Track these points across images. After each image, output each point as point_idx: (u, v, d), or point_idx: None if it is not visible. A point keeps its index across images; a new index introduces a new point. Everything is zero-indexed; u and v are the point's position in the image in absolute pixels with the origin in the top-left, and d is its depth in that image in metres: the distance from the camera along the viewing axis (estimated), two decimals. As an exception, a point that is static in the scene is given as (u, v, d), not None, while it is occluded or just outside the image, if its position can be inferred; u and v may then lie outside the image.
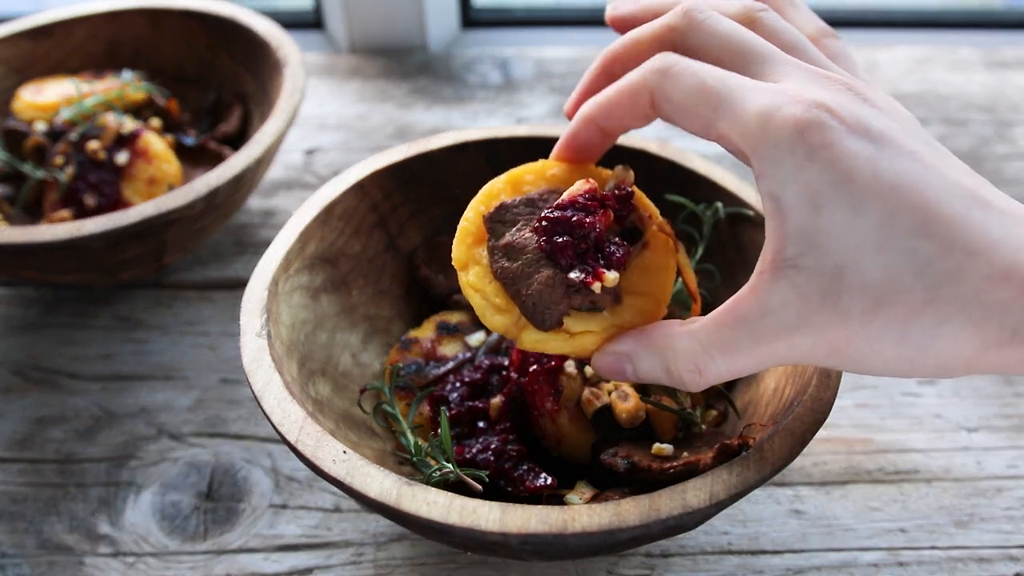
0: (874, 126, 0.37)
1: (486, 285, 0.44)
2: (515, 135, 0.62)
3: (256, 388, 0.45)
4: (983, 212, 0.36)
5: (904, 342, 0.36)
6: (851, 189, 0.36)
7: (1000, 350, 0.36)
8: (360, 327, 0.59)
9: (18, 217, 0.74)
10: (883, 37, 1.04)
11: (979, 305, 0.35)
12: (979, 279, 0.35)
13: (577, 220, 0.43)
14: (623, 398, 0.51)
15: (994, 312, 0.35)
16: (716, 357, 0.39)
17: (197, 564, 0.55)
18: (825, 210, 0.36)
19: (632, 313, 0.43)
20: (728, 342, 0.39)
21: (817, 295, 0.37)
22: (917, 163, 0.37)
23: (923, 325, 0.36)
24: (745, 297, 0.39)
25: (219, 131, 0.79)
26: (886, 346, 0.37)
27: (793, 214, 0.37)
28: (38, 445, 0.62)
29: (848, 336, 0.37)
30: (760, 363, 0.39)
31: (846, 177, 0.36)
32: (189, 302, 0.73)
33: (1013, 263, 0.35)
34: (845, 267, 0.36)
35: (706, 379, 0.40)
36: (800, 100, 0.37)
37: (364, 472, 0.41)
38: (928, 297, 0.35)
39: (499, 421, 0.53)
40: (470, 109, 0.94)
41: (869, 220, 0.36)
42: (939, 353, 0.36)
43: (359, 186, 0.59)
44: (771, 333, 0.38)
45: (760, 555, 0.54)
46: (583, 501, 0.48)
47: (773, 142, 0.37)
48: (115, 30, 0.84)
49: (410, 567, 0.54)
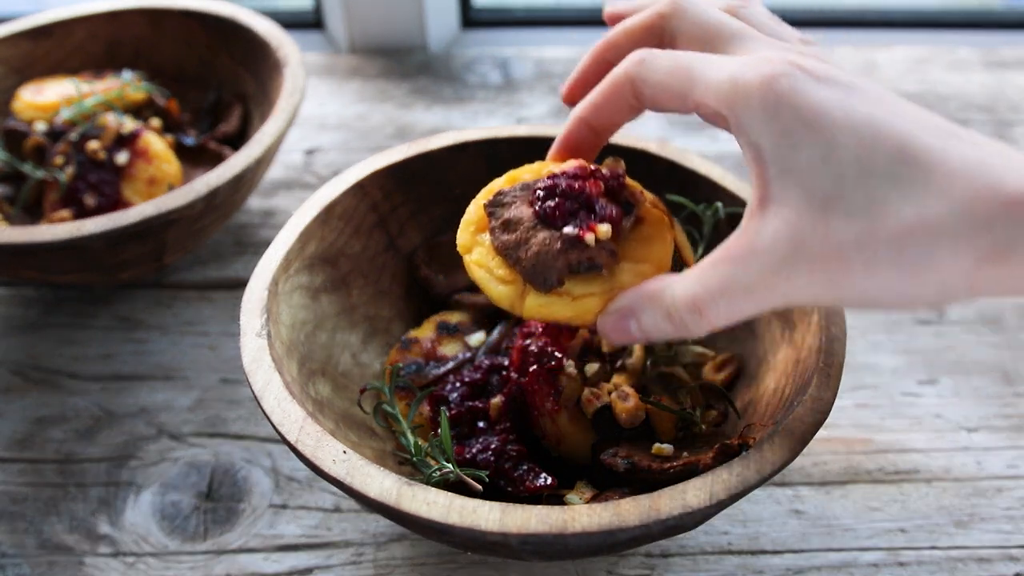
0: (842, 78, 0.39)
1: (489, 260, 0.45)
2: (515, 135, 0.62)
3: (256, 388, 0.45)
4: (958, 141, 0.37)
5: (901, 263, 0.37)
6: (825, 127, 0.37)
7: (996, 267, 0.36)
8: (360, 327, 0.59)
9: (18, 217, 0.74)
10: (882, 37, 1.04)
11: (969, 219, 0.36)
12: (965, 197, 0.36)
13: (567, 184, 0.45)
14: (623, 398, 0.51)
15: (983, 225, 0.36)
16: (716, 296, 0.39)
17: (197, 564, 0.55)
18: (803, 148, 0.38)
19: (632, 276, 0.44)
20: (725, 280, 0.39)
21: (807, 226, 0.37)
22: (886, 105, 0.38)
23: (917, 242, 0.36)
24: (737, 239, 0.40)
25: (219, 131, 0.79)
26: (883, 270, 0.37)
27: (772, 157, 0.38)
28: (38, 445, 0.62)
29: (844, 265, 0.37)
30: (759, 302, 0.39)
31: (818, 117, 0.38)
32: (189, 302, 0.73)
33: (997, 181, 0.36)
34: (830, 198, 0.37)
35: (708, 320, 0.40)
36: (769, 60, 0.39)
37: (364, 472, 0.41)
38: (918, 216, 0.36)
39: (499, 421, 0.53)
40: (470, 109, 0.94)
41: (847, 153, 0.37)
42: (938, 269, 0.36)
43: (359, 186, 0.59)
44: (766, 269, 0.38)
45: (760, 555, 0.54)
46: (583, 501, 0.48)
47: (744, 96, 0.39)
48: (115, 30, 0.84)
49: (410, 567, 0.54)
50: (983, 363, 0.66)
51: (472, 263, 0.46)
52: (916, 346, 0.67)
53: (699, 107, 0.42)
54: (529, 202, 0.45)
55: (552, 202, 0.44)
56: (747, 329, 0.56)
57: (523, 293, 0.45)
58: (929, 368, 0.65)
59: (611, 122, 0.47)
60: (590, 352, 0.55)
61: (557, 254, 0.43)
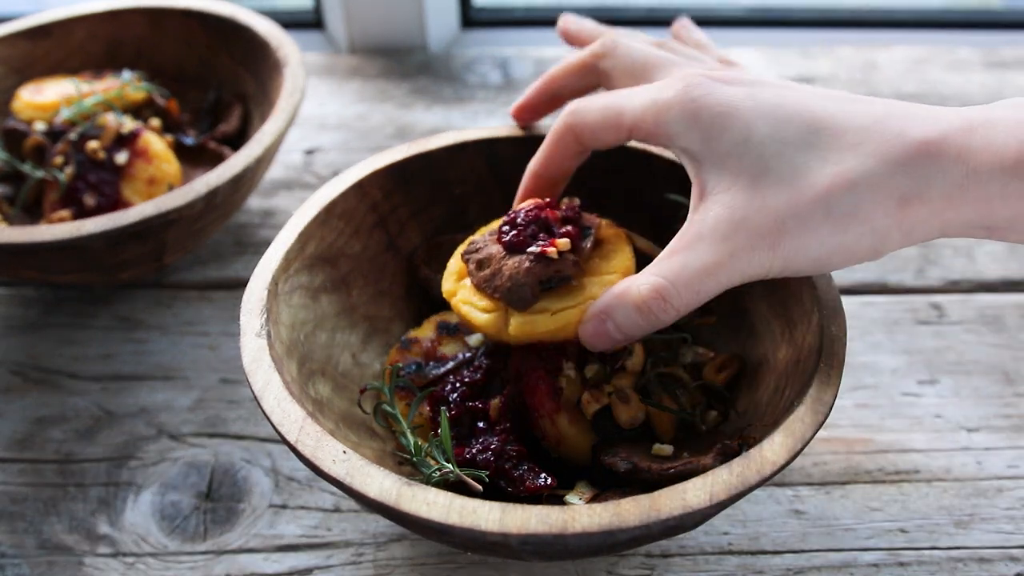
0: (747, 78, 0.45)
1: (471, 297, 0.51)
2: (515, 135, 0.62)
3: (256, 388, 0.45)
4: (861, 104, 0.42)
5: (831, 218, 0.40)
6: (739, 117, 0.43)
7: (917, 207, 0.40)
8: (360, 327, 0.59)
9: (18, 217, 0.73)
10: (882, 37, 1.04)
11: (882, 167, 0.40)
12: (875, 149, 0.40)
13: (525, 214, 0.50)
14: (623, 399, 0.51)
15: (896, 170, 0.39)
16: (674, 283, 0.43)
17: (197, 564, 0.55)
18: (724, 140, 0.43)
19: (601, 287, 0.48)
20: (679, 267, 0.43)
21: (742, 203, 0.42)
22: (789, 90, 0.44)
23: (841, 196, 0.40)
24: (684, 230, 0.44)
25: (219, 131, 0.78)
26: (817, 228, 0.40)
27: (701, 154, 0.44)
28: (38, 445, 0.62)
29: (781, 230, 0.41)
30: (716, 281, 0.43)
31: (731, 111, 0.43)
32: (189, 302, 0.73)
33: (901, 130, 0.40)
34: (757, 174, 0.42)
35: (673, 306, 0.43)
36: (683, 77, 0.45)
37: (364, 472, 0.41)
38: (836, 173, 0.40)
39: (499, 422, 0.53)
40: (470, 109, 0.94)
41: (762, 133, 0.42)
42: (865, 218, 0.40)
43: (359, 186, 0.58)
44: (714, 248, 0.42)
45: (760, 555, 0.54)
46: (583, 502, 0.48)
47: (666, 110, 0.45)
48: (115, 30, 0.84)
49: (410, 567, 0.54)
50: (983, 363, 0.66)
51: (457, 303, 0.52)
52: (916, 346, 0.67)
53: (633, 131, 0.48)
54: (496, 239, 0.51)
55: (515, 231, 0.50)
56: (747, 329, 0.56)
57: (506, 319, 0.49)
58: (929, 368, 0.65)
59: (562, 170, 0.54)
60: (590, 353, 0.55)
61: (527, 272, 0.48)
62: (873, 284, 0.72)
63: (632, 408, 0.50)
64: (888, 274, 0.73)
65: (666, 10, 1.08)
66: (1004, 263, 0.73)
